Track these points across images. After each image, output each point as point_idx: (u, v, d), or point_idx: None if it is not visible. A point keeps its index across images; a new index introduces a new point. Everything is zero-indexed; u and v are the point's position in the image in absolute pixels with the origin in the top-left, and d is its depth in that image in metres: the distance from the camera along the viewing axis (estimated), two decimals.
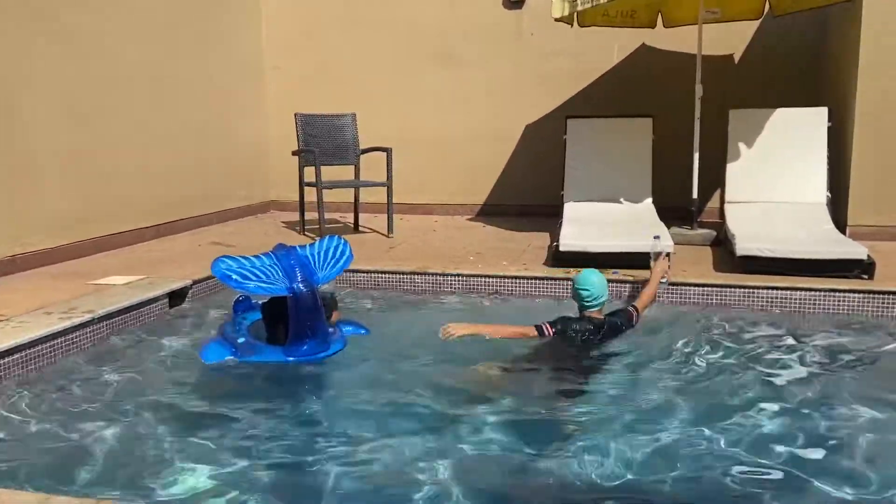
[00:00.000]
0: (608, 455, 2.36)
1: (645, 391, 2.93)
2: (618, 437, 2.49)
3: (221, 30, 6.92)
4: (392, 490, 2.20)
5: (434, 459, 2.34)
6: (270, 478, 2.29)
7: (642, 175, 5.78)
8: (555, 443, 2.48)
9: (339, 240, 3.57)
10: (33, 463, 2.37)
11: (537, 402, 2.85)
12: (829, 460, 2.36)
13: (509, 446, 2.47)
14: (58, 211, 4.91)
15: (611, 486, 2.20)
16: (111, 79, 5.38)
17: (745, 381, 3.01)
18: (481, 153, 7.21)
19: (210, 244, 5.54)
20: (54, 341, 3.23)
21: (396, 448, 2.42)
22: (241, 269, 3.16)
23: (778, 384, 2.98)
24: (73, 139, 5.04)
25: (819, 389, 2.94)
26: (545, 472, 2.28)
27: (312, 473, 2.30)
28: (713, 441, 2.46)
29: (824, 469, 2.28)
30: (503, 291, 4.39)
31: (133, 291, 3.90)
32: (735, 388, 2.93)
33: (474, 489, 2.18)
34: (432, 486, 2.18)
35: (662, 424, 2.60)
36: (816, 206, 5.19)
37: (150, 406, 2.81)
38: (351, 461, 2.36)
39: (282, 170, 7.09)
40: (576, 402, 2.87)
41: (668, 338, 3.53)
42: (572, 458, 2.35)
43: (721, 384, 2.99)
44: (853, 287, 3.98)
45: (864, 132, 5.41)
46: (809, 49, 6.41)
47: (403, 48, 7.31)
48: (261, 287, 3.13)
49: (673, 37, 6.39)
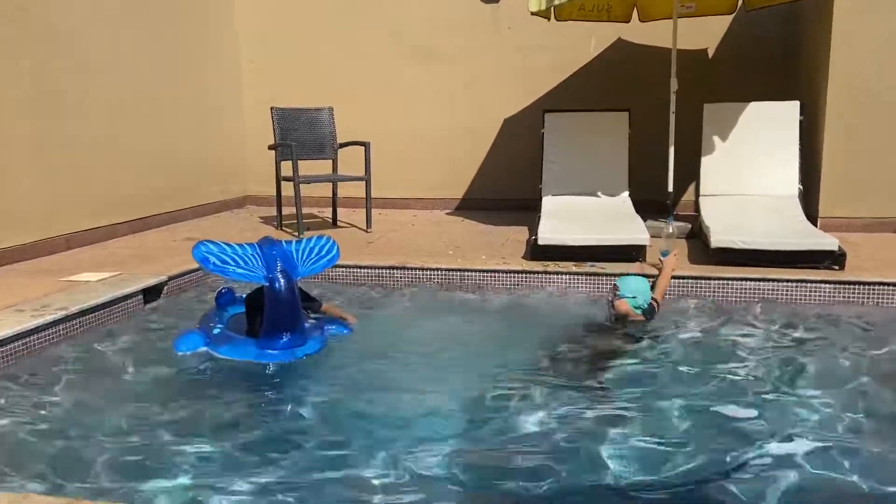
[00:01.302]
0: (587, 454, 2.37)
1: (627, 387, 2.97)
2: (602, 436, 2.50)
3: (195, 22, 6.82)
4: (379, 488, 2.19)
5: (422, 457, 2.33)
6: (245, 478, 2.24)
7: (619, 168, 5.83)
8: (548, 438, 2.48)
9: (329, 240, 3.57)
10: (7, 462, 2.32)
11: (529, 396, 2.84)
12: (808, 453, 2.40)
13: (499, 443, 2.46)
14: (28, 207, 4.82)
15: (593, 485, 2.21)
16: (80, 72, 5.29)
17: (716, 370, 3.06)
18: (459, 147, 7.21)
19: (185, 240, 5.48)
20: (27, 339, 3.18)
21: (377, 448, 2.40)
22: (222, 254, 3.16)
23: (747, 374, 3.03)
24: (40, 134, 4.94)
25: (788, 378, 3.00)
26: (535, 468, 2.27)
27: (292, 473, 2.27)
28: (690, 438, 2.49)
29: (801, 460, 2.33)
30: (483, 285, 4.40)
31: (107, 288, 3.84)
32: (705, 378, 2.98)
33: (464, 486, 2.17)
34: (420, 483, 2.17)
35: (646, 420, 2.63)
36: (789, 199, 5.27)
37: (125, 404, 2.78)
38: (334, 462, 2.34)
39: (258, 164, 7.04)
40: (560, 400, 2.85)
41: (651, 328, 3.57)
42: (560, 455, 2.35)
43: (695, 376, 3.03)
44: (824, 277, 4.06)
45: (834, 126, 5.51)
46: (782, 43, 6.50)
47: (381, 42, 7.28)
48: (237, 272, 3.12)
49: (649, 31, 6.43)
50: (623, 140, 5.89)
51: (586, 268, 4.33)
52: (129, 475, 2.24)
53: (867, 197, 5.54)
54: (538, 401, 2.78)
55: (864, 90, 5.45)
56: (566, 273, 4.31)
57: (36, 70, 4.89)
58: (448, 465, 2.29)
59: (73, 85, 5.24)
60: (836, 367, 3.15)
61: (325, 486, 2.19)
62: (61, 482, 2.19)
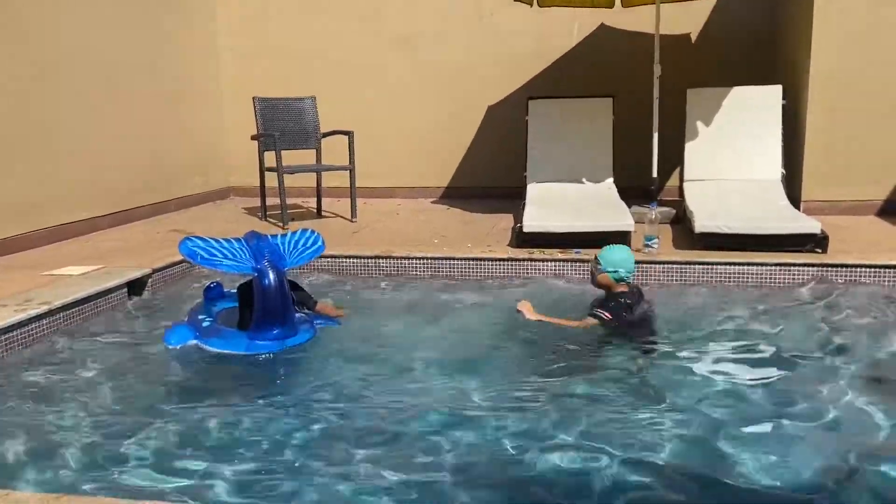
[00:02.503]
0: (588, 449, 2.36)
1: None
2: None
3: (174, 10, 6.73)
4: (370, 488, 2.16)
5: (414, 455, 2.32)
6: (234, 473, 2.23)
7: (603, 155, 5.83)
8: (544, 433, 2.44)
9: (313, 233, 3.63)
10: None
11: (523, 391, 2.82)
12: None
13: (494, 439, 2.41)
14: (8, 200, 4.75)
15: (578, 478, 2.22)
16: (55, 62, 5.20)
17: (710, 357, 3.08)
18: (443, 135, 7.18)
19: (169, 232, 5.43)
20: (10, 334, 3.15)
21: (368, 444, 2.39)
22: (209, 248, 3.20)
23: (742, 358, 3.07)
24: (17, 126, 4.87)
25: (781, 363, 3.03)
26: (534, 465, 2.25)
27: (284, 470, 2.25)
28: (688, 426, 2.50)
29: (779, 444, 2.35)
30: (469, 273, 4.40)
31: (90, 282, 3.81)
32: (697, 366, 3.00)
33: (462, 484, 2.15)
34: (414, 482, 2.16)
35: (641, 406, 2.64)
36: (772, 183, 5.31)
37: (109, 398, 2.76)
38: (327, 457, 2.31)
39: (241, 155, 6.97)
40: (554, 393, 2.80)
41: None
42: (559, 451, 2.32)
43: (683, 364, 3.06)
44: (807, 261, 4.10)
45: (816, 109, 5.54)
46: (764, 27, 6.51)
47: (363, 30, 7.22)
48: (226, 264, 3.15)
49: (631, 17, 6.42)
50: (607, 126, 5.90)
51: (572, 254, 4.34)
52: (112, 470, 2.23)
53: (849, 180, 5.59)
54: (541, 395, 2.77)
55: (846, 74, 5.48)
56: (552, 260, 4.32)
57: (13, 62, 4.81)
58: (437, 463, 2.28)
59: (52, 77, 5.15)
60: (829, 350, 3.18)
61: (314, 481, 2.19)
62: (40, 478, 2.18)
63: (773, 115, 5.51)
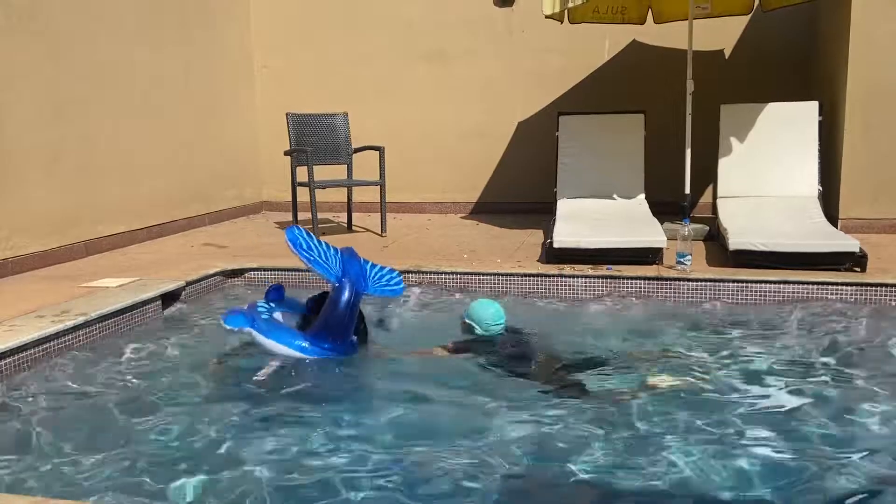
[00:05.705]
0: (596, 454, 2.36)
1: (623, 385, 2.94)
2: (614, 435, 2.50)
3: (209, 28, 6.88)
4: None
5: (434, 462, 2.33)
6: (271, 480, 2.24)
7: (635, 171, 5.79)
8: (576, 447, 2.42)
9: (399, 275, 3.69)
10: (29, 467, 2.34)
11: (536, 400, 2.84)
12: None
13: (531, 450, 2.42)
14: (47, 213, 4.88)
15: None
16: (96, 79, 5.34)
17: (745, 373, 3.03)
18: (474, 151, 7.20)
19: (202, 245, 5.51)
20: (47, 345, 3.21)
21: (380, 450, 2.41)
22: (310, 243, 3.30)
23: (774, 380, 3.00)
24: (58, 140, 5.00)
25: (816, 383, 2.96)
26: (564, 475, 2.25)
27: (321, 476, 2.27)
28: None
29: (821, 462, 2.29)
30: (498, 288, 4.38)
31: (126, 293, 3.87)
32: (734, 383, 2.95)
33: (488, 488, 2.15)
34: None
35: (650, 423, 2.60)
36: (808, 200, 5.21)
37: (145, 409, 2.80)
38: (364, 469, 2.32)
39: (273, 170, 7.07)
40: (570, 405, 2.84)
41: (662, 333, 3.54)
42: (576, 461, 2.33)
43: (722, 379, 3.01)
44: (846, 280, 4.00)
45: (854, 125, 5.44)
46: (799, 43, 6.44)
47: (394, 46, 7.30)
48: (318, 262, 3.22)
49: (663, 33, 6.40)
50: (639, 142, 5.86)
51: (602, 271, 4.30)
52: (147, 479, 2.25)
53: (888, 197, 5.46)
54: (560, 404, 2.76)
55: (884, 89, 5.38)
56: (582, 276, 4.29)
57: (52, 79, 4.95)
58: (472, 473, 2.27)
59: (89, 93, 5.29)
60: (863, 369, 3.10)
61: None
62: (81, 489, 2.20)
63: (809, 131, 5.42)
